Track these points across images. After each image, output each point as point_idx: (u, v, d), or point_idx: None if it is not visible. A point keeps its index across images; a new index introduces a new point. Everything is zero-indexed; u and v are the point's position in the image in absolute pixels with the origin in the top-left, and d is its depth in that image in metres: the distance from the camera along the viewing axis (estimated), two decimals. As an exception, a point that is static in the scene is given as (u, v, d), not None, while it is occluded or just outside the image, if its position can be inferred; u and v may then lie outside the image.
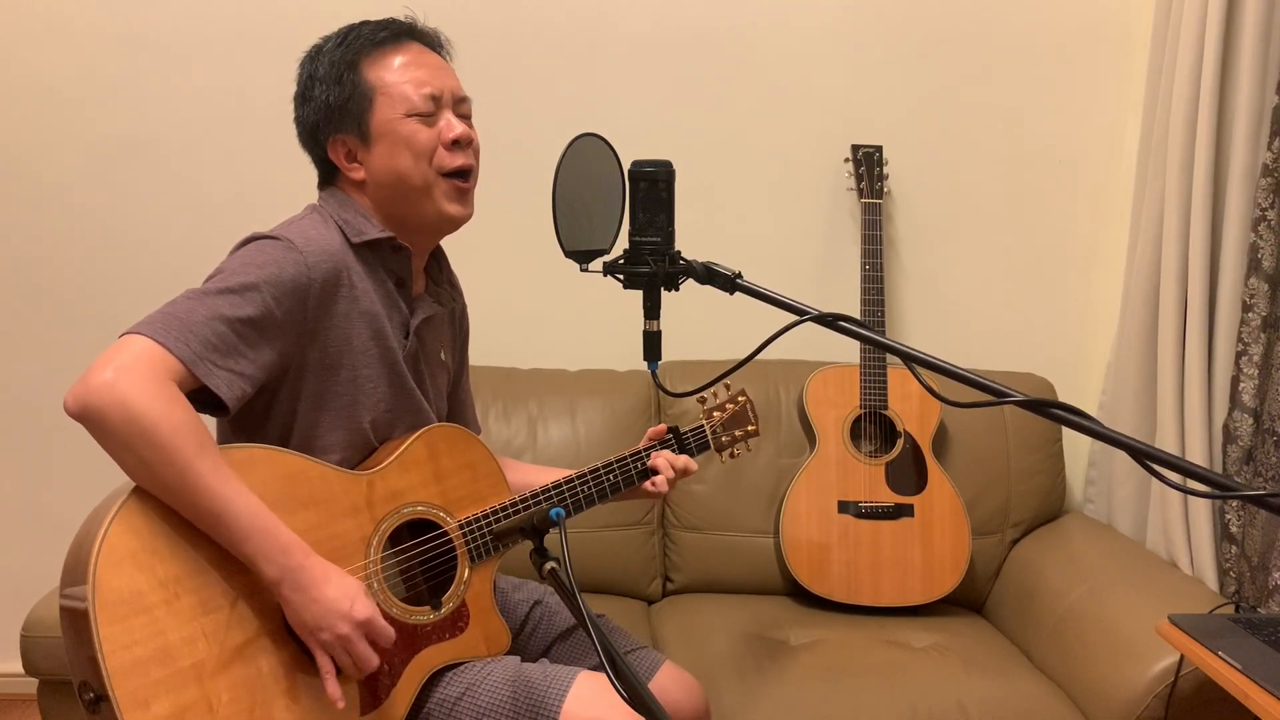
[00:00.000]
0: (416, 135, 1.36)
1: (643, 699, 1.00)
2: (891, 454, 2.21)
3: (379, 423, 1.39)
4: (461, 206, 1.41)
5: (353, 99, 1.36)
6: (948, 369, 0.96)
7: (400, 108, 1.35)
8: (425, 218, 1.40)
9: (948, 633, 2.08)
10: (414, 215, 1.40)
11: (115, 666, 1.08)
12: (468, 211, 1.42)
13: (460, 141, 1.38)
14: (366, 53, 1.37)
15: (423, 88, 1.36)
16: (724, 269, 1.13)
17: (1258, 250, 1.97)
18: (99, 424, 1.12)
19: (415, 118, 1.36)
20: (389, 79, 1.36)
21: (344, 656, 1.22)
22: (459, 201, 1.40)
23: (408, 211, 1.39)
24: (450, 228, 1.44)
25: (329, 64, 1.37)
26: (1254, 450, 1.99)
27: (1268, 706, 1.38)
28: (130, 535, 1.13)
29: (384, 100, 1.36)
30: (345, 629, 1.20)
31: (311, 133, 1.40)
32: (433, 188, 1.38)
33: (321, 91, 1.37)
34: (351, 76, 1.36)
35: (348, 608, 1.20)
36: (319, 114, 1.38)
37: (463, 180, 1.40)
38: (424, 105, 1.36)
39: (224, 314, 1.21)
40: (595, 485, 1.53)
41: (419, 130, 1.36)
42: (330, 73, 1.37)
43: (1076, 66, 2.41)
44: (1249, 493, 0.82)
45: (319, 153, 1.42)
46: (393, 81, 1.36)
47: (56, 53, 2.30)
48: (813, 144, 2.42)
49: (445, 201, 1.39)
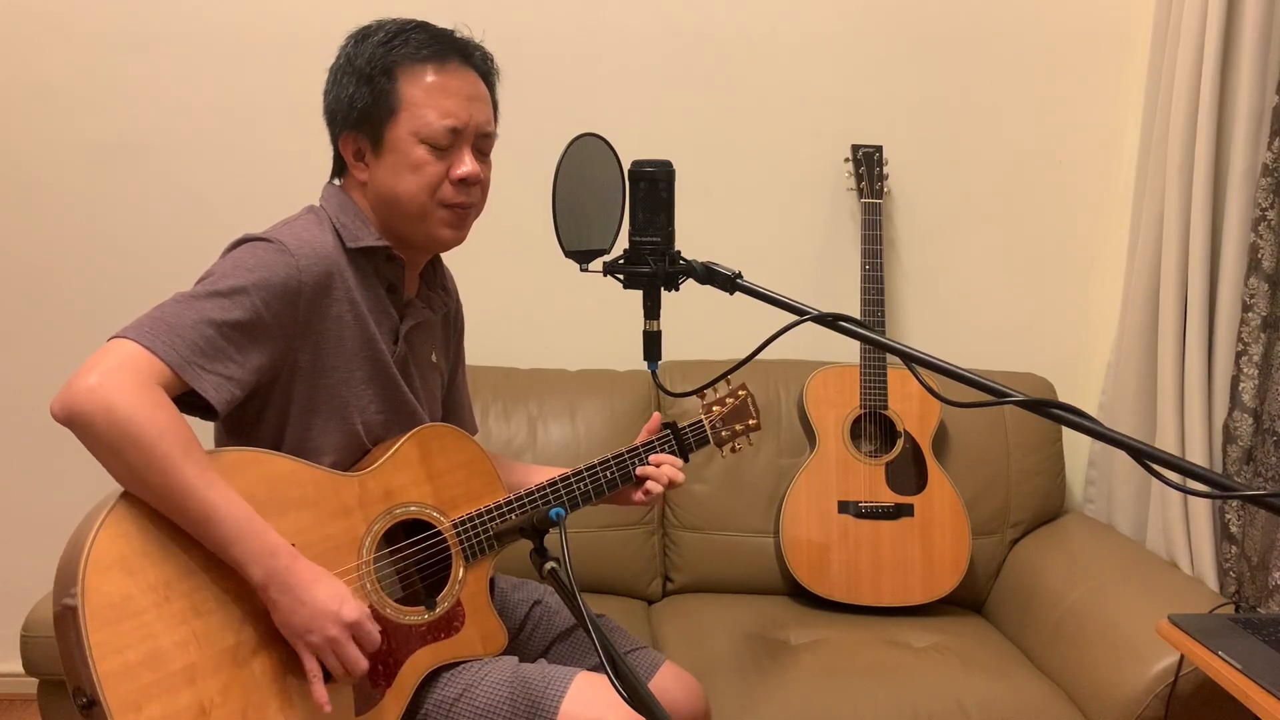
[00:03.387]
0: (425, 165, 1.33)
1: (643, 699, 1.00)
2: (891, 454, 2.21)
3: (371, 425, 1.39)
4: (455, 232, 1.39)
5: (377, 105, 1.33)
6: (948, 369, 0.96)
7: (418, 131, 1.32)
8: (417, 238, 1.39)
9: (948, 633, 2.08)
10: (408, 233, 1.39)
11: (106, 671, 1.07)
12: (461, 236, 1.41)
13: (467, 180, 1.36)
14: (407, 62, 1.33)
15: (446, 118, 1.33)
16: (724, 269, 1.13)
17: (1258, 250, 1.97)
18: (85, 429, 1.12)
19: (428, 146, 1.33)
20: (417, 98, 1.32)
21: (332, 659, 1.21)
22: (453, 227, 1.39)
23: (402, 228, 1.39)
24: (442, 249, 1.44)
25: (367, 59, 1.33)
26: (1254, 450, 1.99)
27: (1268, 706, 1.38)
28: (120, 540, 1.13)
29: (406, 117, 1.33)
30: (334, 631, 1.19)
31: (331, 119, 1.39)
32: (429, 215, 1.36)
33: (350, 84, 1.34)
34: (384, 82, 1.33)
35: (336, 609, 1.19)
36: (341, 105, 1.36)
37: (461, 209, 1.38)
38: (442, 138, 1.33)
39: (212, 318, 1.20)
40: (591, 482, 1.52)
41: (428, 161, 1.33)
42: (365, 69, 1.33)
43: (1077, 67, 2.41)
44: (1249, 493, 0.82)
45: (333, 141, 1.40)
46: (420, 102, 1.32)
47: (56, 53, 2.30)
48: (813, 144, 2.42)
49: (440, 227, 1.37)
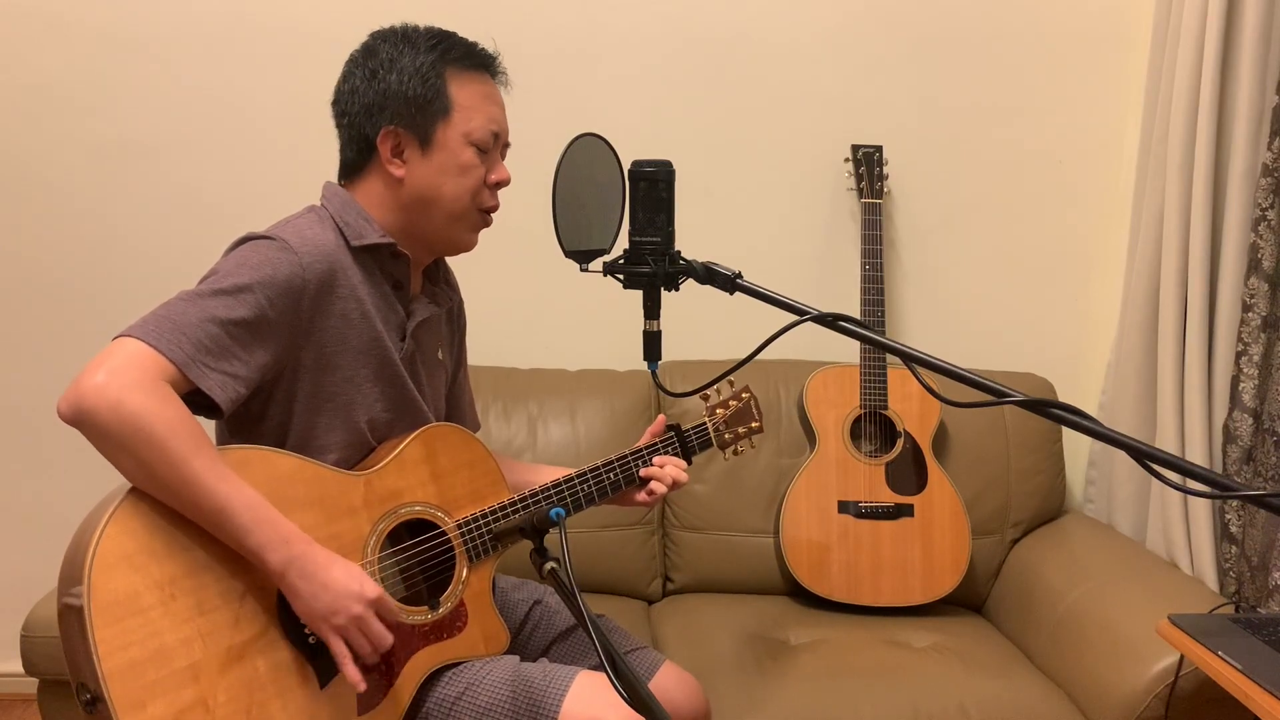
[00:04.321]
0: (472, 168, 1.38)
1: (642, 699, 1.00)
2: (891, 454, 2.21)
3: (376, 423, 1.39)
4: (475, 237, 1.45)
5: (432, 101, 1.35)
6: (948, 369, 0.96)
7: (470, 134, 1.37)
8: (440, 238, 1.42)
9: (948, 633, 2.08)
10: (431, 232, 1.41)
11: (111, 668, 1.08)
12: (475, 242, 1.46)
13: (501, 185, 1.43)
14: (459, 67, 1.37)
15: (492, 124, 1.39)
16: (724, 269, 1.13)
17: (1258, 250, 1.97)
18: (93, 428, 1.12)
19: (475, 149, 1.38)
20: (472, 103, 1.38)
21: (359, 638, 1.21)
22: (477, 231, 1.45)
23: (426, 227, 1.40)
24: (456, 253, 1.48)
25: (418, 57, 1.36)
26: (1254, 450, 1.99)
27: (1268, 706, 1.38)
28: (126, 537, 1.13)
29: (460, 118, 1.37)
30: (358, 609, 1.20)
31: (367, 111, 1.36)
32: (465, 217, 1.41)
33: (398, 80, 1.35)
34: (438, 81, 1.36)
35: (358, 588, 1.20)
36: (385, 98, 1.35)
37: (490, 215, 1.44)
38: (487, 142, 1.39)
39: (217, 316, 1.21)
40: (595, 484, 1.52)
41: (475, 164, 1.38)
42: (417, 66, 1.35)
43: (1076, 67, 2.41)
44: (1249, 493, 0.82)
45: (360, 135, 1.38)
46: (474, 106, 1.38)
47: (56, 53, 2.30)
48: (813, 144, 2.42)
49: (468, 231, 1.43)
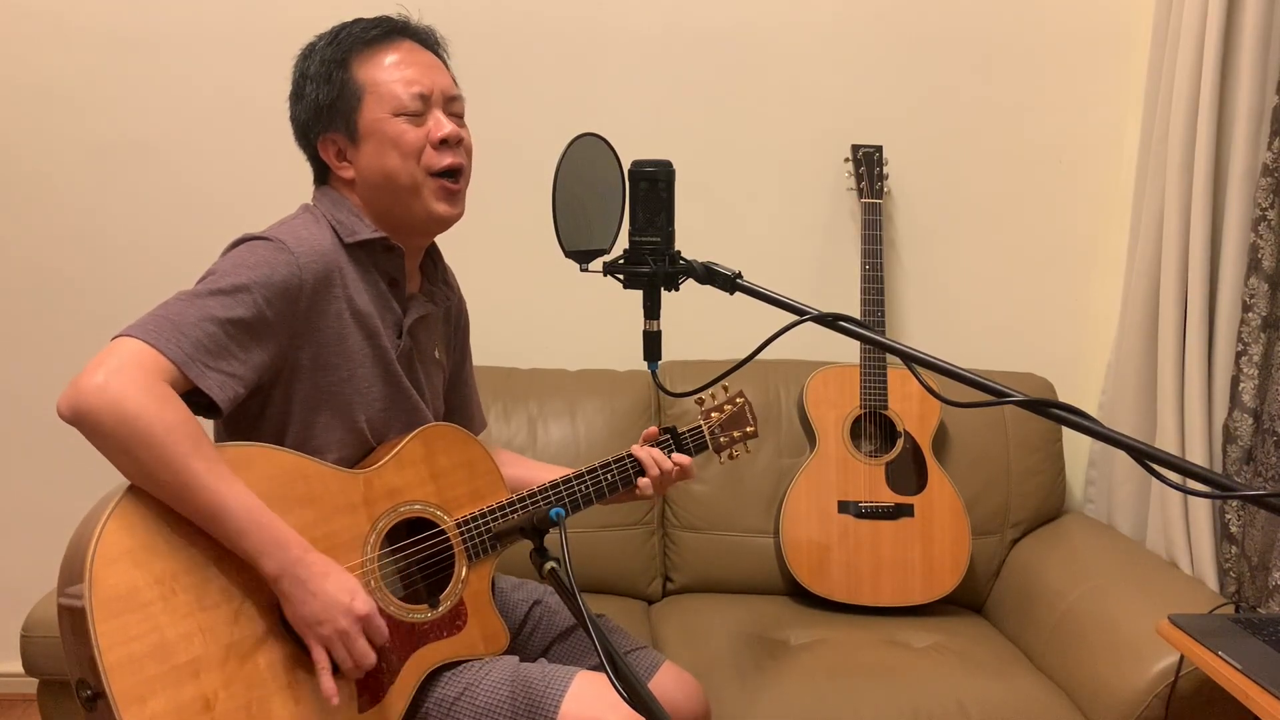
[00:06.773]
0: (404, 135, 1.35)
1: (642, 699, 1.00)
2: (891, 454, 2.21)
3: (375, 422, 1.39)
4: (450, 206, 1.40)
5: (341, 97, 1.36)
6: (948, 369, 0.96)
7: (388, 106, 1.35)
8: (414, 217, 1.40)
9: (948, 633, 2.08)
10: (404, 215, 1.40)
11: (112, 663, 1.08)
12: (457, 211, 1.42)
13: (449, 140, 1.37)
14: (357, 51, 1.37)
15: (412, 86, 1.36)
16: (724, 269, 1.13)
17: (1258, 250, 1.97)
18: (93, 427, 1.12)
19: (403, 117, 1.35)
20: (379, 77, 1.36)
21: (342, 652, 1.21)
22: (447, 201, 1.40)
23: (398, 211, 1.39)
24: (440, 227, 1.44)
25: (320, 62, 1.37)
26: (1254, 450, 1.99)
27: (1268, 706, 1.38)
28: (126, 533, 1.13)
29: (372, 99, 1.36)
30: (345, 623, 1.20)
31: (304, 131, 1.41)
32: (421, 187, 1.37)
33: (312, 90, 1.38)
34: (341, 75, 1.36)
35: (348, 602, 1.20)
36: (309, 112, 1.39)
37: (452, 180, 1.39)
38: (412, 104, 1.36)
39: (215, 315, 1.21)
40: (593, 485, 1.52)
41: (406, 130, 1.35)
42: (321, 71, 1.37)
43: (1076, 66, 2.41)
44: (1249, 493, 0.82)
45: (311, 151, 1.42)
46: (382, 80, 1.36)
47: (57, 53, 2.30)
48: (813, 144, 2.42)
49: (434, 201, 1.38)
